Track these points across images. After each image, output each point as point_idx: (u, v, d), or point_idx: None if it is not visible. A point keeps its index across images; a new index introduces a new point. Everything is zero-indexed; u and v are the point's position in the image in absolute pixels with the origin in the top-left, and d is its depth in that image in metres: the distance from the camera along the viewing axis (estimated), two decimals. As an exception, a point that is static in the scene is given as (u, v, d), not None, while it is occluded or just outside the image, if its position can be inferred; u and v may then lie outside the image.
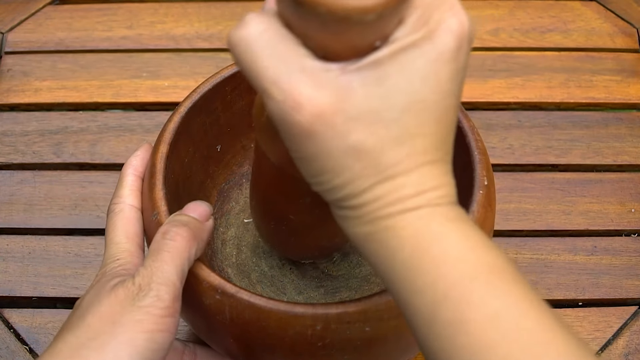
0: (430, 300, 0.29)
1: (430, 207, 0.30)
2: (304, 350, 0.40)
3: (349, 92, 0.29)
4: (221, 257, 0.52)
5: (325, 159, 0.30)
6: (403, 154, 0.30)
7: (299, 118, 0.28)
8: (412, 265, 0.30)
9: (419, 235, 0.30)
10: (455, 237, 0.30)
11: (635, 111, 0.70)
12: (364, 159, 0.29)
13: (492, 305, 0.29)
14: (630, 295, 0.60)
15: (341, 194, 0.30)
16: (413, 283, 0.30)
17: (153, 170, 0.44)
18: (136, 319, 0.36)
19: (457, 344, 0.29)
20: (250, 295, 0.39)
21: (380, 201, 0.30)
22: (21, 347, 0.57)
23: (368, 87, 0.29)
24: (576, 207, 0.64)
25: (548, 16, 0.75)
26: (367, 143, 0.29)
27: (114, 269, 0.40)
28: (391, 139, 0.29)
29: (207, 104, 0.48)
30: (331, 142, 0.29)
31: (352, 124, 0.29)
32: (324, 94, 0.28)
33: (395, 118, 0.29)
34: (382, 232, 0.30)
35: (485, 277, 0.29)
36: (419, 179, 0.30)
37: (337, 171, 0.30)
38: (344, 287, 0.52)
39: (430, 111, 0.30)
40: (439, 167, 0.31)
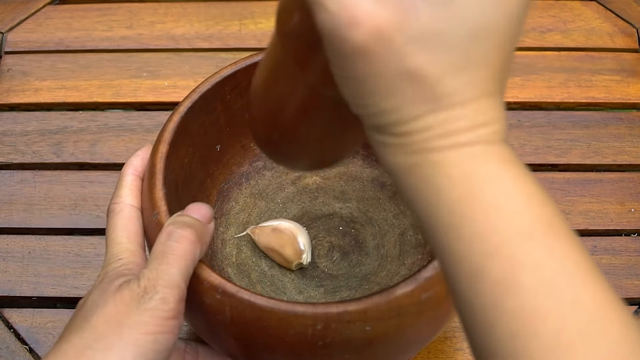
0: (477, 252, 0.27)
1: (484, 144, 0.28)
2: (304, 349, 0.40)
3: (412, 11, 0.26)
4: (221, 257, 0.52)
5: (377, 81, 0.27)
6: (462, 82, 0.27)
7: (355, 35, 0.26)
8: (461, 210, 0.27)
9: (471, 176, 0.27)
10: (510, 185, 0.27)
11: (635, 111, 0.70)
12: (420, 85, 0.27)
13: (548, 269, 0.26)
14: (630, 295, 0.60)
15: (388, 119, 0.28)
16: (459, 229, 0.27)
17: (153, 170, 0.44)
18: (141, 321, 0.36)
19: (504, 307, 0.26)
20: (250, 294, 0.39)
21: (431, 131, 0.28)
22: (21, 347, 0.57)
23: (434, 6, 0.26)
24: (576, 206, 0.64)
25: (548, 16, 0.75)
26: (426, 68, 0.27)
27: (116, 268, 0.40)
28: (452, 65, 0.27)
29: (206, 103, 0.48)
30: (387, 63, 0.27)
31: (412, 46, 0.27)
32: (384, 9, 0.26)
33: (459, 43, 0.27)
34: (428, 167, 0.28)
35: (542, 237, 0.27)
36: (475, 111, 0.28)
37: (389, 94, 0.28)
38: (344, 286, 0.52)
39: (496, 38, 0.27)
40: (495, 100, 0.28)
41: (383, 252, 0.53)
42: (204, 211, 0.42)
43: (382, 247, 0.53)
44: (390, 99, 0.28)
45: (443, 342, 0.57)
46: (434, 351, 0.56)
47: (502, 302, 0.26)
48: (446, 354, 0.56)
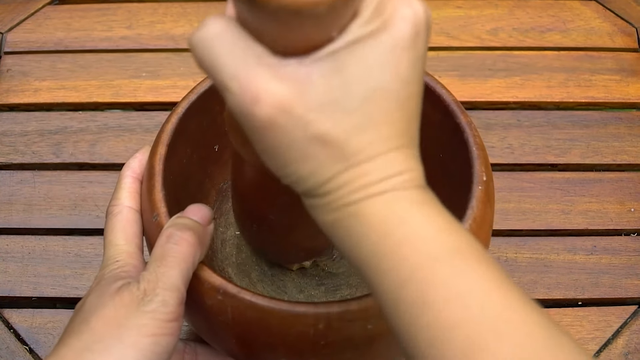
0: (394, 282, 0.30)
1: (395, 191, 0.30)
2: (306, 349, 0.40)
3: (307, 84, 0.29)
4: (221, 257, 0.52)
5: (288, 150, 0.30)
6: (366, 141, 0.30)
7: (258, 110, 0.29)
8: (378, 250, 0.30)
9: (384, 220, 0.30)
10: (419, 220, 0.30)
11: (634, 110, 0.70)
12: (327, 148, 0.30)
13: (455, 285, 0.29)
14: (629, 295, 0.60)
15: (308, 184, 0.31)
16: (378, 266, 0.30)
17: (152, 171, 0.44)
18: (141, 323, 0.36)
19: (420, 324, 0.29)
20: (252, 295, 0.39)
21: (345, 188, 0.30)
22: (21, 347, 0.57)
23: (326, 77, 0.29)
24: (575, 206, 0.64)
25: (547, 16, 0.75)
26: (330, 132, 0.29)
27: (113, 270, 0.40)
28: (354, 127, 0.29)
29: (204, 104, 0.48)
30: (293, 133, 0.29)
31: (313, 114, 0.29)
32: (282, 85, 0.29)
33: (356, 107, 0.29)
34: (348, 219, 0.30)
35: (448, 258, 0.29)
36: (383, 164, 0.30)
37: (302, 161, 0.30)
38: (345, 284, 0.52)
39: (391, 99, 0.30)
40: (403, 153, 0.31)
41: None
42: (203, 213, 0.42)
43: None
44: (304, 165, 0.30)
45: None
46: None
47: (418, 320, 0.29)
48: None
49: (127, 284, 0.37)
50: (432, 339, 0.28)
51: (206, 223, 0.41)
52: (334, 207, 0.31)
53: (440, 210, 0.31)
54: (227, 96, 0.29)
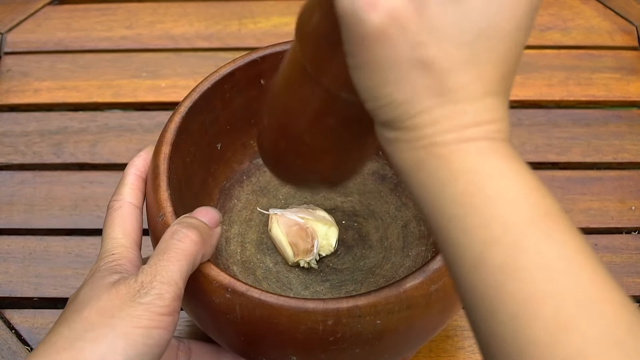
0: (480, 241, 0.28)
1: (488, 140, 0.29)
2: (315, 345, 0.40)
3: (426, 5, 0.28)
4: (226, 255, 0.52)
5: (389, 68, 0.28)
6: (469, 78, 0.29)
7: (372, 17, 0.28)
8: (464, 202, 0.28)
9: (475, 170, 0.28)
10: (511, 177, 0.29)
11: (634, 109, 0.70)
12: (429, 75, 0.28)
13: (548, 254, 0.27)
14: (630, 293, 0.60)
15: (398, 112, 0.29)
16: (463, 221, 0.28)
17: (157, 171, 0.44)
18: (135, 314, 0.36)
19: (505, 291, 0.27)
20: (260, 293, 0.39)
21: (438, 125, 0.29)
22: (22, 348, 0.57)
23: (445, 4, 0.28)
24: (576, 205, 0.64)
25: (547, 14, 0.75)
26: (436, 59, 0.28)
27: (107, 263, 0.40)
28: (461, 60, 0.28)
29: (206, 102, 0.48)
30: (400, 49, 0.28)
31: (425, 36, 0.28)
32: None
33: (468, 40, 0.28)
34: (435, 161, 0.29)
35: (541, 224, 0.28)
36: (480, 108, 0.29)
37: (400, 84, 0.29)
38: (349, 280, 0.52)
39: (503, 40, 0.29)
40: (500, 100, 0.30)
41: (387, 245, 0.53)
42: (211, 215, 0.42)
43: (386, 239, 0.54)
44: (401, 88, 0.29)
45: (445, 340, 0.57)
46: (435, 350, 0.56)
47: (503, 286, 0.27)
48: (448, 352, 0.56)
49: (124, 278, 0.38)
50: (517, 309, 0.27)
51: (214, 225, 0.42)
52: (421, 144, 0.29)
53: (528, 170, 0.29)
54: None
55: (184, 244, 0.38)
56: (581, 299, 0.27)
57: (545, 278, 0.27)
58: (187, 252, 0.38)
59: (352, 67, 0.30)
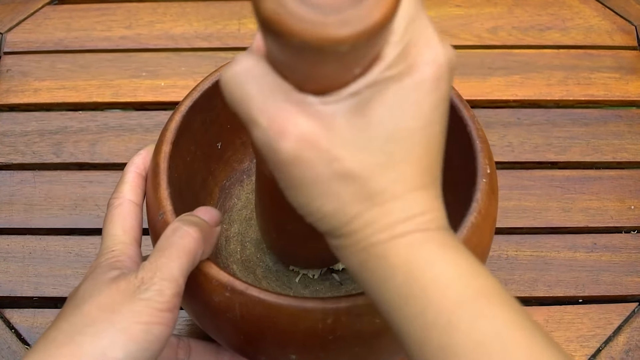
0: (420, 327, 0.30)
1: (419, 232, 0.31)
2: (315, 344, 0.40)
3: (332, 121, 0.30)
4: (226, 254, 0.52)
5: (312, 186, 0.30)
6: (390, 180, 0.30)
7: (284, 144, 0.29)
8: (403, 293, 0.30)
9: (409, 263, 0.30)
10: (443, 264, 0.30)
11: (634, 108, 0.70)
12: (351, 185, 0.30)
13: (480, 330, 0.29)
14: (630, 292, 0.60)
15: (332, 223, 0.31)
16: (404, 310, 0.30)
17: (157, 170, 0.44)
18: (135, 310, 0.36)
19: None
20: (260, 291, 0.39)
21: (370, 228, 0.31)
22: (22, 347, 0.57)
23: (350, 116, 0.30)
24: (576, 204, 0.64)
25: (547, 14, 0.75)
26: (354, 170, 0.30)
27: (108, 260, 0.40)
28: (377, 166, 0.30)
29: (207, 101, 0.48)
30: (317, 168, 0.30)
31: (338, 151, 0.30)
32: (308, 120, 0.29)
33: (380, 146, 0.30)
34: (374, 261, 0.31)
35: (472, 303, 0.30)
36: (407, 204, 0.31)
37: (326, 198, 0.30)
38: (349, 279, 0.52)
39: (414, 139, 0.30)
40: (427, 192, 0.31)
41: None
42: (212, 214, 0.42)
43: None
44: (328, 201, 0.30)
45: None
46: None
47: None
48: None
49: (124, 274, 0.38)
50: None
51: (214, 224, 0.42)
52: (359, 247, 0.31)
53: (464, 253, 0.31)
54: (254, 130, 0.30)
55: (185, 241, 0.38)
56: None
57: (478, 353, 0.29)
58: (188, 249, 0.38)
59: (283, 189, 0.32)
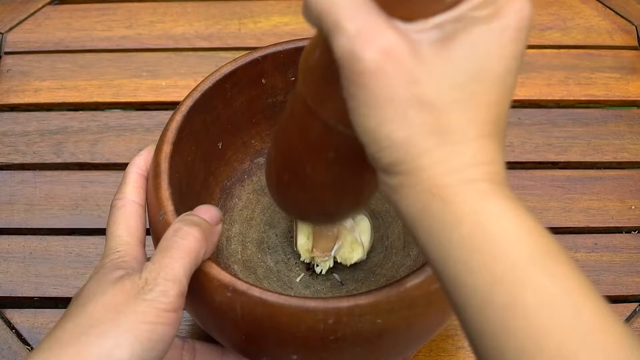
0: (486, 281, 0.29)
1: (487, 182, 0.30)
2: (316, 344, 0.40)
3: (418, 46, 0.29)
4: (227, 254, 0.52)
5: (387, 105, 0.29)
6: (464, 119, 0.29)
7: (369, 53, 0.28)
8: (470, 244, 0.29)
9: (477, 212, 0.29)
10: (512, 218, 0.29)
11: (634, 108, 0.70)
12: (426, 114, 0.29)
13: (550, 290, 0.28)
14: (630, 292, 0.60)
15: (398, 154, 0.30)
16: (469, 262, 0.29)
17: (158, 170, 0.44)
18: (139, 310, 0.36)
19: (511, 328, 0.28)
20: (261, 291, 0.39)
21: (438, 167, 0.29)
22: (23, 347, 0.57)
23: (435, 46, 0.29)
24: (576, 204, 0.64)
25: (547, 14, 0.75)
26: (432, 97, 0.29)
27: (113, 260, 0.40)
28: (455, 101, 0.29)
29: (207, 101, 0.48)
30: (397, 85, 0.29)
31: (419, 74, 0.29)
32: (397, 36, 0.29)
33: (460, 82, 0.29)
34: (439, 204, 0.30)
35: (543, 261, 0.29)
36: (477, 149, 0.30)
37: (398, 122, 0.29)
38: (350, 279, 0.52)
39: (493, 83, 0.30)
40: (495, 142, 0.30)
41: (387, 244, 0.53)
42: (212, 212, 0.42)
43: (387, 238, 0.54)
44: (399, 127, 0.29)
45: (445, 340, 0.57)
46: (435, 349, 0.56)
47: (509, 324, 0.28)
48: (448, 352, 0.56)
49: (129, 274, 0.38)
50: (524, 345, 0.28)
51: (215, 222, 0.42)
52: (425, 187, 0.30)
53: (527, 211, 0.30)
54: (339, 37, 0.29)
55: (187, 241, 0.39)
56: (583, 332, 0.28)
57: (548, 314, 0.28)
58: (190, 250, 0.38)
59: (351, 110, 0.31)
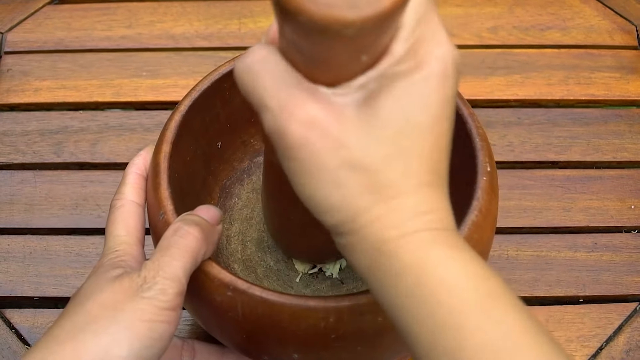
0: (430, 329, 0.30)
1: (428, 231, 0.30)
2: (317, 343, 0.40)
3: (342, 111, 0.30)
4: (227, 254, 0.52)
5: (319, 174, 0.30)
6: (399, 173, 0.30)
7: (293, 126, 0.29)
8: (414, 294, 0.30)
9: (420, 263, 0.30)
10: (453, 266, 0.30)
11: (634, 108, 0.70)
12: (359, 175, 0.30)
13: (488, 333, 0.29)
14: (630, 292, 0.60)
15: (339, 216, 0.31)
16: (414, 311, 0.30)
17: (157, 169, 0.44)
18: (138, 307, 0.36)
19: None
20: (262, 290, 0.39)
21: (379, 223, 0.30)
22: (23, 347, 0.57)
23: (359, 108, 0.30)
24: (576, 203, 0.64)
25: (547, 14, 0.75)
26: (362, 159, 0.30)
27: (111, 259, 0.40)
28: (387, 158, 0.30)
29: (206, 101, 0.48)
30: (325, 154, 0.30)
31: (346, 139, 0.30)
32: (318, 107, 0.30)
33: (389, 137, 0.30)
34: (384, 260, 0.31)
35: (482, 305, 0.30)
36: (417, 200, 0.31)
37: (332, 187, 0.30)
38: (350, 277, 0.52)
39: (423, 134, 0.30)
40: (435, 190, 0.31)
41: None
42: (212, 212, 0.42)
43: None
44: (335, 191, 0.30)
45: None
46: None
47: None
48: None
49: (127, 273, 0.38)
50: None
51: (215, 222, 0.42)
52: (368, 245, 0.31)
53: (471, 255, 0.31)
54: (265, 115, 0.30)
55: (186, 241, 0.39)
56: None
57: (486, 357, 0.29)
58: (190, 249, 0.38)
59: (290, 179, 0.32)
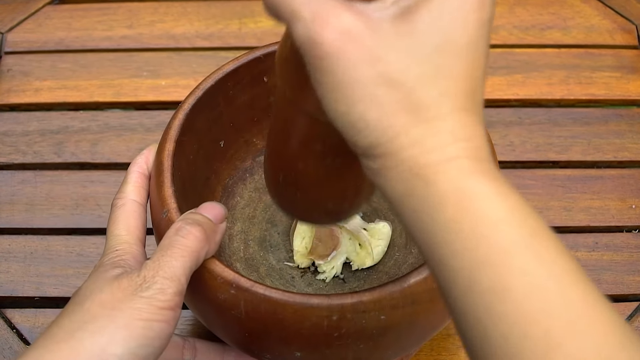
0: (469, 264, 0.28)
1: (468, 159, 0.28)
2: (320, 341, 0.40)
3: (378, 24, 0.28)
4: (229, 252, 0.52)
5: (353, 86, 0.28)
6: (436, 94, 0.28)
7: (327, 35, 0.28)
8: (453, 227, 0.28)
9: (460, 192, 0.28)
10: (495, 198, 0.28)
11: (635, 107, 0.70)
12: (395, 91, 0.28)
13: (537, 274, 0.27)
14: (631, 292, 0.60)
15: (375, 136, 0.29)
16: (453, 244, 0.28)
17: (160, 168, 0.44)
18: (135, 307, 0.36)
19: (495, 313, 0.27)
20: (265, 288, 0.39)
21: (418, 146, 0.28)
22: (24, 347, 0.57)
23: (396, 22, 0.28)
24: (577, 203, 0.64)
25: (547, 13, 0.75)
26: (398, 73, 0.28)
27: (111, 259, 0.40)
28: (423, 76, 0.28)
29: (209, 100, 0.48)
30: (360, 65, 0.28)
31: (382, 52, 0.28)
32: (354, 17, 0.28)
33: (426, 55, 0.28)
34: (422, 186, 0.28)
35: (527, 244, 0.28)
36: (455, 125, 0.29)
37: (367, 102, 0.28)
38: (352, 276, 0.52)
39: (460, 54, 0.29)
40: (472, 116, 0.29)
41: (390, 242, 0.53)
42: (216, 211, 0.42)
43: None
44: (370, 106, 0.28)
45: (446, 339, 0.57)
46: (437, 348, 0.56)
47: (494, 308, 0.27)
48: (449, 351, 0.56)
49: (127, 272, 0.38)
50: (508, 330, 0.27)
51: (219, 221, 0.42)
52: (405, 168, 0.29)
53: (511, 188, 0.29)
54: (296, 25, 0.28)
55: (188, 241, 0.39)
56: (571, 318, 0.27)
57: (534, 298, 0.27)
58: (191, 249, 0.38)
59: (321, 97, 0.30)
